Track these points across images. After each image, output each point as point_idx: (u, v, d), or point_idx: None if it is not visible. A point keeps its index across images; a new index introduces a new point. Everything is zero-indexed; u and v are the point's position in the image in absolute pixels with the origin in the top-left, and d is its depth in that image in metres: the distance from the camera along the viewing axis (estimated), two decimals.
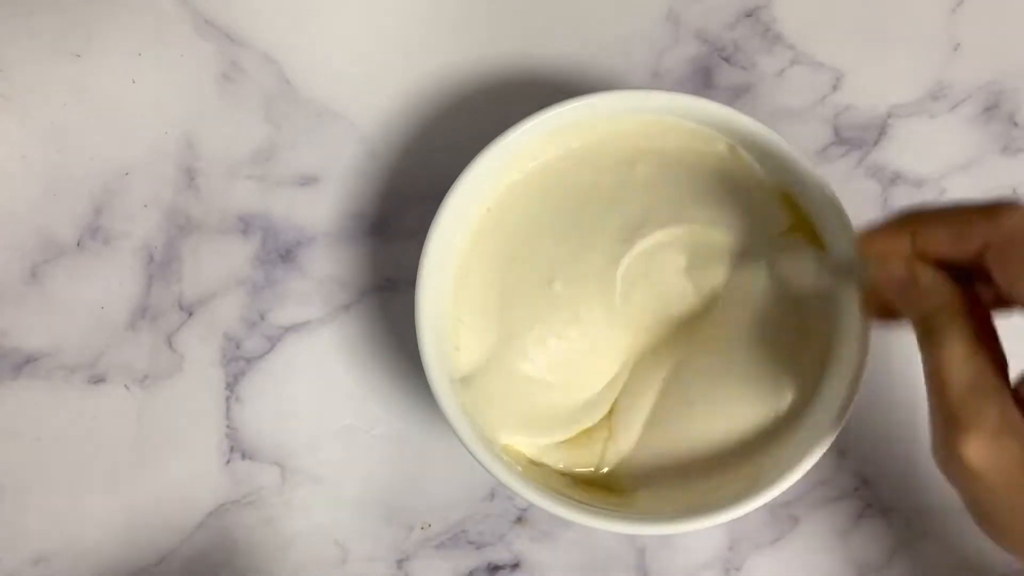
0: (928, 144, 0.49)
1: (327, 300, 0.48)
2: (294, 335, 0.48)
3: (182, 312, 0.48)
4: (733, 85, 0.49)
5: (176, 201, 0.48)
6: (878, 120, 0.49)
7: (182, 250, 0.48)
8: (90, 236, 0.48)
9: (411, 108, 0.49)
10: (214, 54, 0.49)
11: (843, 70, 0.49)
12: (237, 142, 0.48)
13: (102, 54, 0.48)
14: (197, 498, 0.47)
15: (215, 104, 0.48)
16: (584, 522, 0.38)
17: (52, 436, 0.47)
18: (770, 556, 0.47)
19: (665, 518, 0.39)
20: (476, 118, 0.48)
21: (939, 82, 0.49)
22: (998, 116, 0.49)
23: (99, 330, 0.47)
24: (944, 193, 0.48)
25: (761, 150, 0.41)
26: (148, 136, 0.48)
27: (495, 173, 0.42)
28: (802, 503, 0.47)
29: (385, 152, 0.49)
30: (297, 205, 0.48)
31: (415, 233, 0.48)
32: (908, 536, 0.47)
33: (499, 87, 0.49)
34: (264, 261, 0.48)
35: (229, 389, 0.47)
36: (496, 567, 0.47)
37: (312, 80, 0.49)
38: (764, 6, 0.49)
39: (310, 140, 0.48)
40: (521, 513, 0.47)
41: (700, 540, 0.47)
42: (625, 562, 0.47)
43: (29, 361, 0.47)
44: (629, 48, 0.49)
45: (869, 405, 0.46)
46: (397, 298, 0.48)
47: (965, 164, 0.49)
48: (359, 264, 0.48)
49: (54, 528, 0.47)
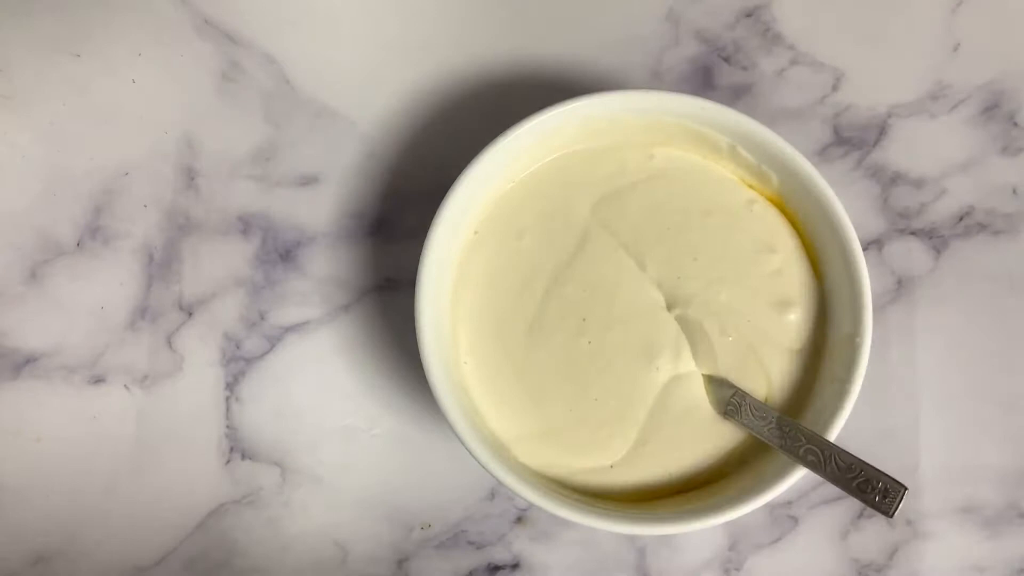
0: (928, 144, 0.49)
1: (327, 300, 0.48)
2: (294, 335, 0.48)
3: (182, 312, 0.48)
4: (733, 85, 0.49)
5: (176, 201, 0.48)
6: (878, 120, 0.49)
7: (182, 250, 0.48)
8: (90, 236, 0.48)
9: (411, 108, 0.49)
10: (214, 54, 0.48)
11: (843, 70, 0.49)
12: (237, 142, 0.48)
13: (102, 54, 0.48)
14: (197, 498, 0.47)
15: (215, 104, 0.48)
16: (585, 522, 0.38)
17: (52, 436, 0.47)
18: (770, 556, 0.47)
19: (665, 518, 0.39)
20: (476, 118, 0.48)
21: (939, 82, 0.49)
22: (998, 116, 0.49)
23: (99, 330, 0.47)
24: (944, 193, 0.48)
25: (761, 151, 0.41)
26: (148, 136, 0.48)
27: (495, 173, 0.42)
28: (802, 503, 0.47)
29: (385, 152, 0.48)
30: (297, 205, 0.48)
31: (415, 233, 0.48)
32: (908, 536, 0.47)
33: (499, 87, 0.49)
34: (264, 261, 0.48)
35: (229, 389, 0.47)
36: (496, 567, 0.47)
37: (312, 80, 0.49)
38: (764, 6, 0.49)
39: (310, 140, 0.48)
40: (521, 513, 0.47)
41: (700, 540, 0.47)
42: (625, 562, 0.47)
43: (29, 361, 0.47)
44: (629, 48, 0.49)
45: (868, 404, 0.46)
46: (397, 298, 0.48)
47: (965, 164, 0.48)
48: (359, 264, 0.48)
49: (53, 528, 0.47)
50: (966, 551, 0.47)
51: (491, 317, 0.43)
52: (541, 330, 0.42)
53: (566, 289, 0.42)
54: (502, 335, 0.42)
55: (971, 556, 0.47)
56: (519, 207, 0.43)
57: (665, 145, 0.43)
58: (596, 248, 0.43)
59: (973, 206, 0.48)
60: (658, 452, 0.42)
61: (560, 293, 0.42)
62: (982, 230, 0.48)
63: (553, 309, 0.42)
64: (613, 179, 0.43)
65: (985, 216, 0.48)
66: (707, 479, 0.42)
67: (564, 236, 0.43)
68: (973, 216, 0.48)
